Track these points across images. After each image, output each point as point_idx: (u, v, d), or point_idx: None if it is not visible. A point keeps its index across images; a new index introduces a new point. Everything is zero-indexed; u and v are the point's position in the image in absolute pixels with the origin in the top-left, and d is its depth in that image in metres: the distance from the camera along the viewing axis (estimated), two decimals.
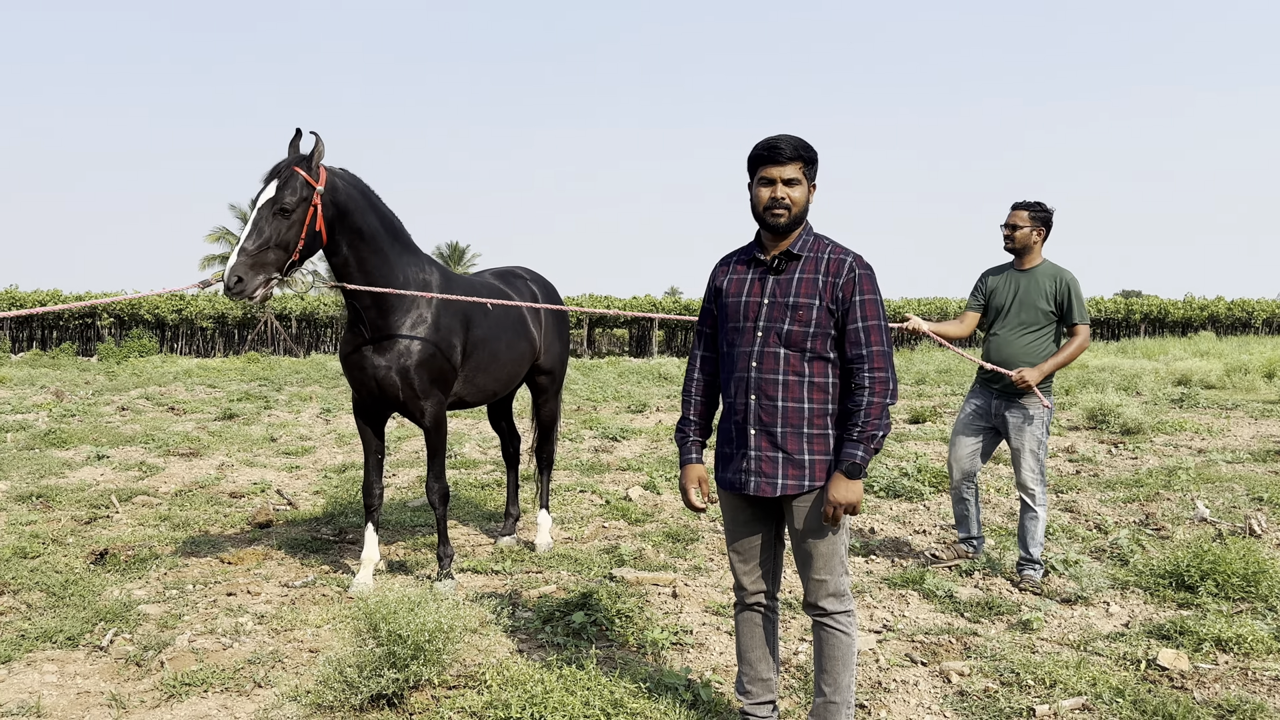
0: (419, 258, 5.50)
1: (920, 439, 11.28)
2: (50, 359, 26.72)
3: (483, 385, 5.88)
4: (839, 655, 3.36)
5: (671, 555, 6.17)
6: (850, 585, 3.39)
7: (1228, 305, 48.59)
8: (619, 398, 16.32)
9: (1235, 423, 12.46)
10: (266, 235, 4.79)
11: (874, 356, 3.22)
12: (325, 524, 7.05)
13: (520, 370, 6.25)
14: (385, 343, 5.29)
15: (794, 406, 3.26)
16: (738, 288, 3.39)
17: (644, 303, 41.51)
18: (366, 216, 5.17)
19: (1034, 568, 5.55)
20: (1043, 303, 5.47)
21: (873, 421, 3.19)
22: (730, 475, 3.39)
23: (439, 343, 5.39)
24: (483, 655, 4.35)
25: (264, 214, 4.79)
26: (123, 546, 6.05)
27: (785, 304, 3.27)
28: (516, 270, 6.67)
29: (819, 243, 3.35)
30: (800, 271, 3.29)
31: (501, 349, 5.94)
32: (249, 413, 13.71)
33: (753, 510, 3.42)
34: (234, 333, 38.01)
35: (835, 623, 3.35)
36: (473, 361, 5.70)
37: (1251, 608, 4.93)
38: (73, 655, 4.41)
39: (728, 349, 3.40)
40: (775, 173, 3.27)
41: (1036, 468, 5.51)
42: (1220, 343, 30.02)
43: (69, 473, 8.89)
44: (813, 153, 3.31)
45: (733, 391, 3.36)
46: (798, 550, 3.36)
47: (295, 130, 5.00)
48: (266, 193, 4.83)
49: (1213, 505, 7.34)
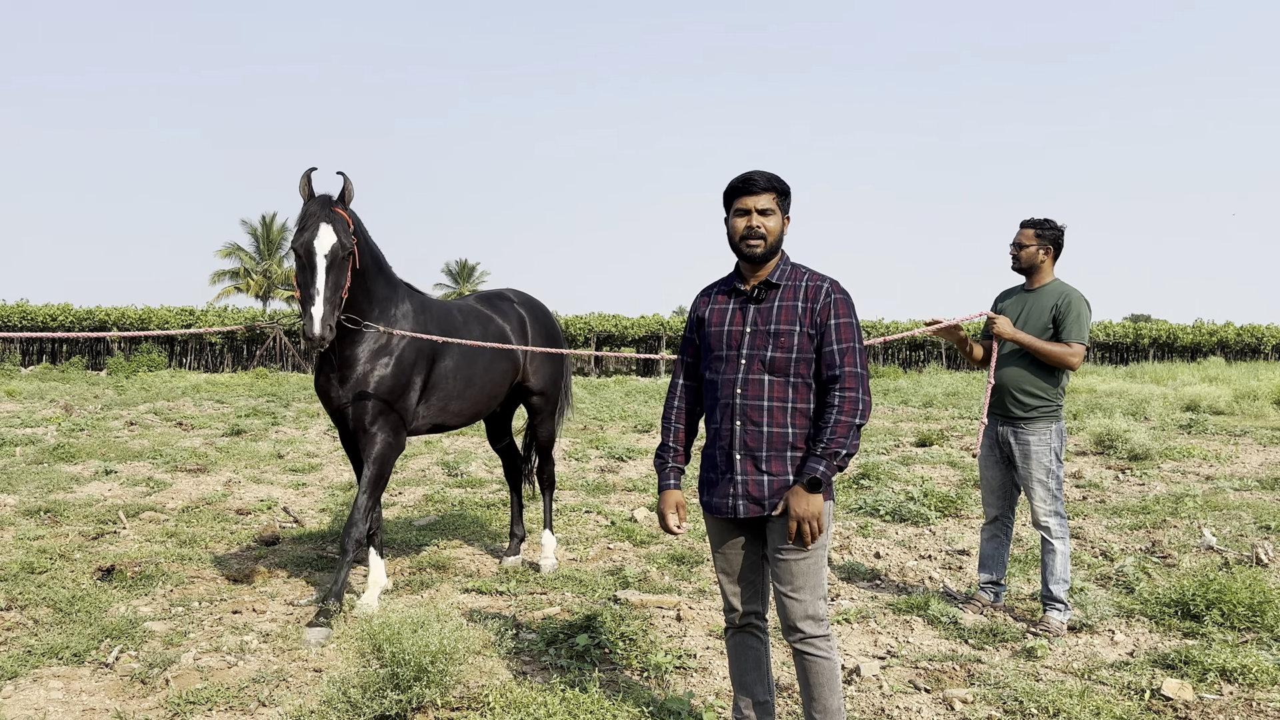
0: (397, 289, 5.58)
1: (927, 462, 11.27)
2: (60, 373, 26.87)
3: (459, 410, 5.94)
4: (824, 681, 3.37)
5: (676, 578, 6.17)
6: (828, 611, 3.40)
7: (1237, 331, 48.52)
8: (625, 417, 16.35)
9: (1244, 449, 12.43)
10: (336, 279, 4.93)
11: (846, 377, 3.27)
12: (331, 541, 7.07)
13: (501, 391, 6.29)
14: (346, 372, 5.34)
15: (778, 431, 3.31)
16: (720, 317, 3.46)
17: (652, 322, 41.56)
18: (364, 256, 5.27)
19: (1057, 608, 5.20)
20: (1044, 321, 5.26)
21: (838, 439, 3.23)
22: (717, 500, 3.43)
23: (397, 376, 5.42)
24: (486, 677, 4.36)
25: (333, 259, 4.92)
26: (129, 563, 6.08)
27: (768, 331, 3.35)
28: (504, 293, 6.75)
29: (796, 271, 3.44)
30: (780, 299, 3.38)
31: (478, 373, 5.98)
32: (256, 429, 13.76)
33: (740, 532, 3.47)
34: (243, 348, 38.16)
35: (814, 648, 3.36)
36: (443, 390, 5.76)
37: (1257, 638, 4.92)
38: (78, 672, 4.43)
39: (712, 376, 3.46)
40: (750, 203, 3.37)
41: (1049, 499, 5.24)
42: (1229, 368, 29.99)
43: (77, 487, 8.94)
44: (785, 185, 3.43)
45: (718, 418, 3.42)
46: (777, 570, 3.38)
47: (308, 169, 5.10)
48: (326, 239, 4.91)
49: (1219, 533, 7.31)
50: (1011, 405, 5.32)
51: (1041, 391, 5.25)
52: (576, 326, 39.15)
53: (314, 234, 4.92)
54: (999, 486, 5.52)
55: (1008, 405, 5.35)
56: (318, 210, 5.00)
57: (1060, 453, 5.30)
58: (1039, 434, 5.27)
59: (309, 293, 4.87)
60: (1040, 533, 5.32)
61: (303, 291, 4.92)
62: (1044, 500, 5.26)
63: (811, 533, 3.24)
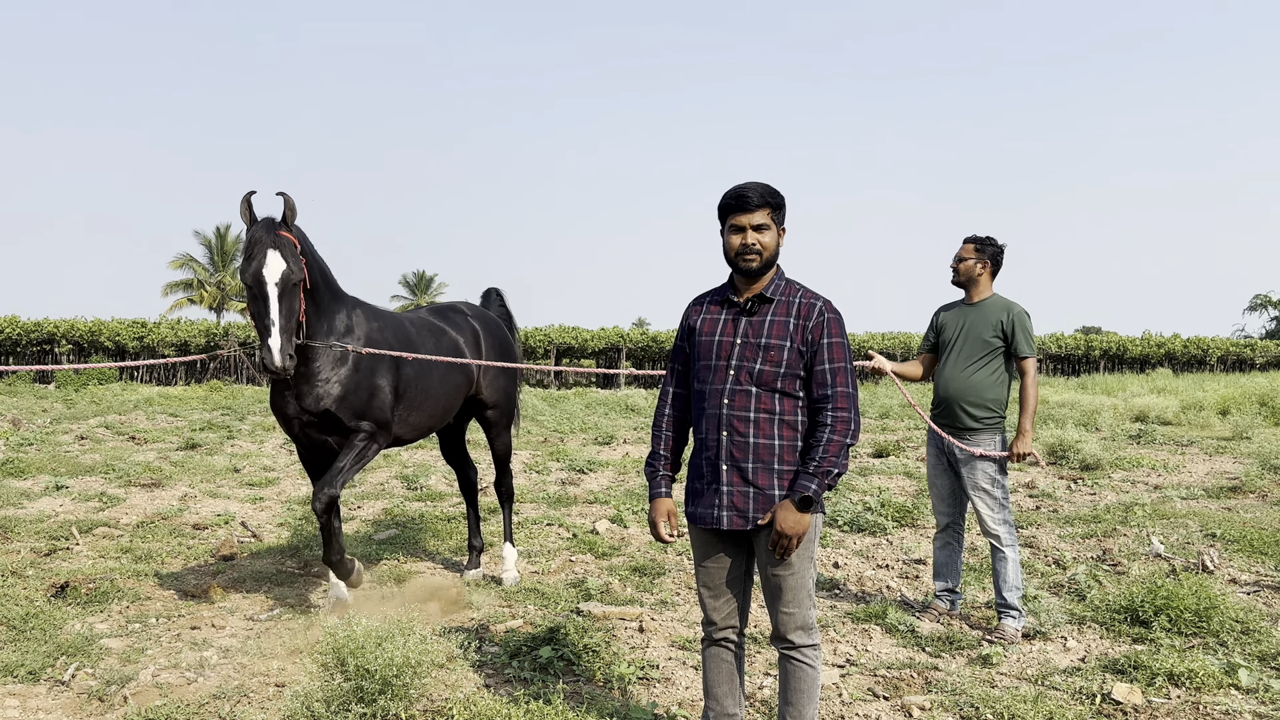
0: (344, 302, 5.55)
1: (884, 473, 11.41)
2: (6, 385, 26.29)
3: (417, 423, 5.93)
4: (804, 689, 3.42)
5: (638, 589, 6.21)
6: (816, 619, 3.46)
7: (1184, 343, 49.59)
8: (586, 429, 16.36)
9: (1190, 459, 12.73)
10: (289, 307, 4.90)
11: (839, 397, 3.32)
12: (290, 556, 7.01)
13: (455, 403, 6.30)
14: (304, 388, 5.30)
15: (765, 443, 3.35)
16: (711, 327, 3.49)
17: (611, 334, 41.54)
18: (313, 274, 5.22)
19: (1012, 615, 5.29)
20: (988, 334, 5.39)
21: (830, 458, 3.28)
22: (702, 510, 3.46)
23: (360, 380, 5.40)
24: (450, 690, 4.36)
25: (284, 286, 4.88)
26: (84, 579, 5.99)
27: (758, 345, 3.38)
28: (457, 305, 6.78)
29: (790, 287, 3.47)
30: (773, 314, 3.41)
31: (434, 384, 5.98)
32: (212, 442, 13.59)
33: (724, 545, 3.49)
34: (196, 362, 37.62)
35: (802, 656, 3.42)
36: (405, 400, 5.75)
37: (1203, 642, 5.06)
38: (34, 690, 4.36)
39: (700, 386, 3.48)
40: (744, 220, 3.39)
41: (996, 508, 5.36)
42: (1177, 379, 30.67)
43: (27, 503, 8.77)
44: (780, 198, 3.44)
45: (704, 428, 3.45)
46: (766, 583, 3.43)
47: (247, 192, 5.02)
48: (274, 267, 4.86)
49: (1167, 541, 7.50)
50: (960, 417, 5.44)
51: (989, 405, 5.40)
52: (536, 339, 39.05)
53: (261, 262, 4.86)
54: (949, 494, 5.63)
55: (956, 417, 5.46)
56: (263, 236, 4.92)
57: (1005, 463, 5.43)
58: (984, 446, 5.40)
59: (264, 324, 4.83)
60: (990, 540, 5.42)
61: (258, 323, 4.88)
62: (991, 509, 5.38)
63: (790, 549, 3.29)
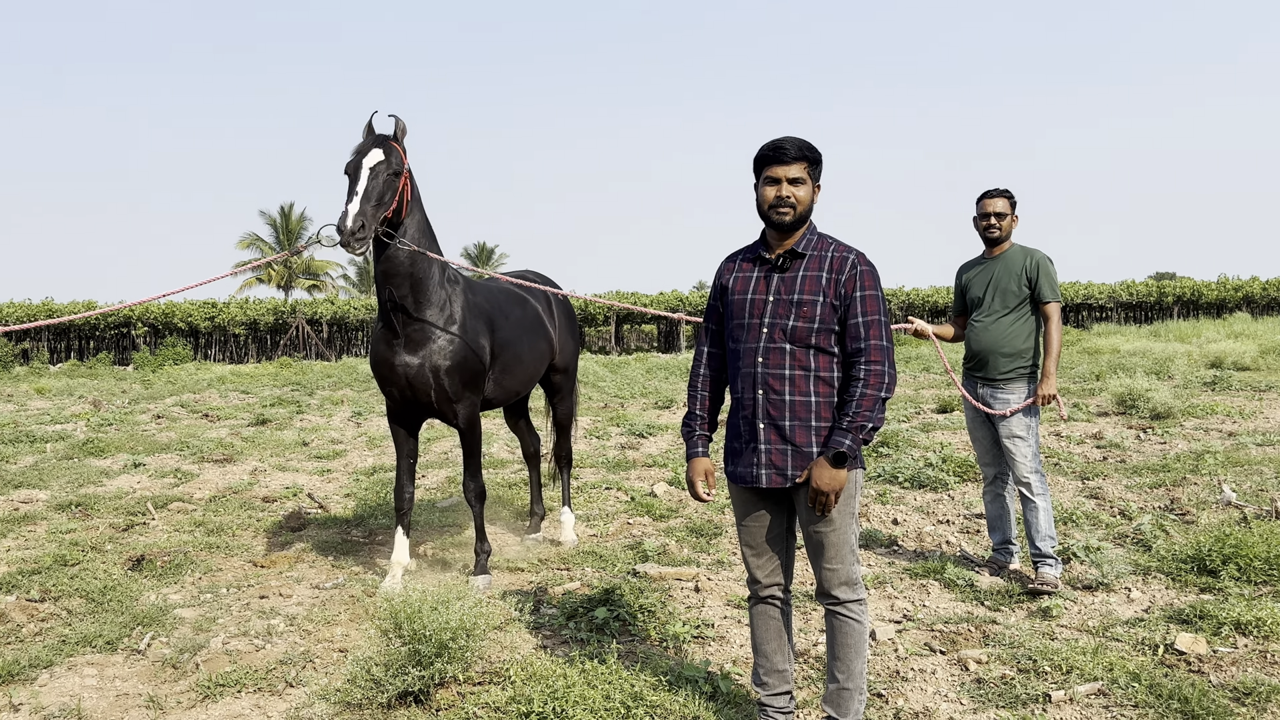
0: (446, 265, 5.65)
1: (947, 428, 11.27)
2: (87, 369, 27.19)
3: (508, 386, 6.00)
4: (851, 643, 3.42)
5: (695, 550, 6.24)
6: (861, 574, 3.45)
7: (1263, 285, 47.80)
8: (646, 394, 16.40)
9: (1268, 404, 12.33)
10: (380, 191, 5.10)
11: (872, 350, 3.28)
12: (355, 526, 7.18)
13: (540, 369, 6.36)
14: (416, 339, 5.39)
15: (800, 400, 3.33)
16: (743, 285, 3.46)
17: (670, 298, 41.50)
18: (420, 205, 5.50)
19: (1048, 563, 5.28)
20: (1014, 285, 5.41)
21: (864, 413, 3.25)
22: (741, 469, 3.45)
23: (469, 343, 5.50)
24: (507, 652, 4.45)
25: (377, 173, 5.12)
26: (159, 552, 6.21)
27: (790, 301, 3.34)
28: (525, 274, 6.80)
29: (823, 241, 3.42)
30: (805, 269, 3.37)
31: (525, 350, 6.05)
32: (281, 418, 13.92)
33: (764, 503, 3.49)
34: (266, 338, 38.42)
35: (848, 611, 3.41)
36: (499, 363, 5.82)
37: (1274, 590, 4.92)
38: (111, 659, 4.55)
39: (734, 345, 3.46)
40: (780, 172, 3.35)
41: (1028, 454, 5.34)
42: (1255, 323, 29.61)
43: (107, 481, 9.10)
44: (817, 153, 3.39)
45: (740, 387, 3.43)
46: (809, 540, 3.42)
47: (372, 112, 5.35)
48: (374, 156, 5.14)
49: (1240, 489, 7.30)
50: (994, 367, 5.45)
51: (1022, 353, 5.42)
52: (595, 306, 39.19)
53: (363, 152, 5.18)
54: (991, 445, 5.63)
55: (990, 367, 5.47)
56: (371, 139, 5.25)
57: (1036, 408, 5.42)
58: (1017, 393, 5.41)
59: (349, 193, 5.04)
60: (1020, 490, 5.40)
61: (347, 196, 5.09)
62: (1024, 457, 5.36)
63: (829, 505, 3.28)
